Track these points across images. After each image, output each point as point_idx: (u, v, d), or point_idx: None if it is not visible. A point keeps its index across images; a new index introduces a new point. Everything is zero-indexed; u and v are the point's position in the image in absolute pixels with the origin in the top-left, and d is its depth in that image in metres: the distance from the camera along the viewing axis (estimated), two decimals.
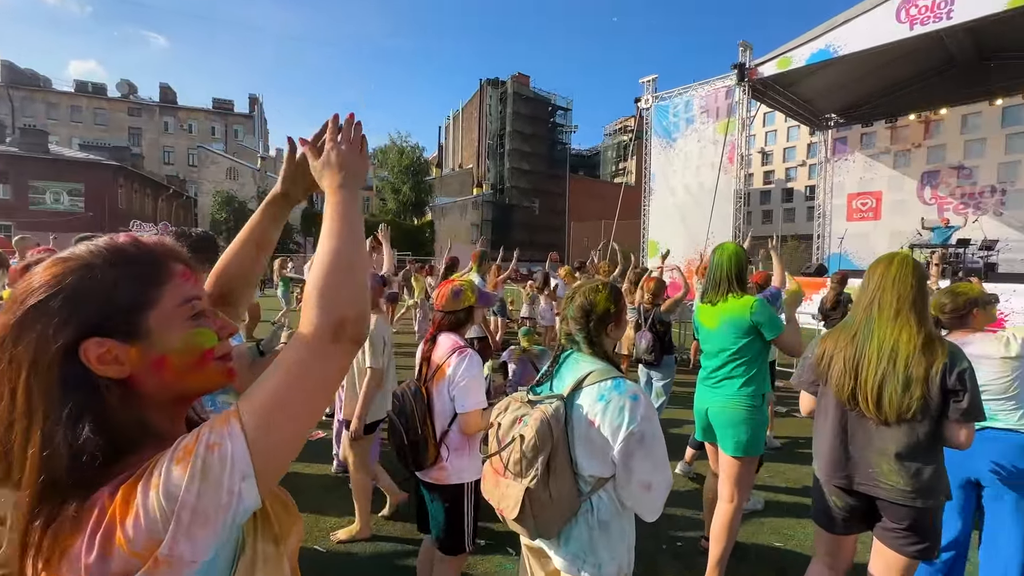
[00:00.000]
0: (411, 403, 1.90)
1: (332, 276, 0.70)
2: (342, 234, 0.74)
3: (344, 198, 0.79)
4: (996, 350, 2.16)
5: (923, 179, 17.40)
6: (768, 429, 4.60)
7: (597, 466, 1.33)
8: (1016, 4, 9.53)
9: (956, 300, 2.28)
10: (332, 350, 0.67)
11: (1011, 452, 2.12)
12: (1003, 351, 2.15)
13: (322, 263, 0.71)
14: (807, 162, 46.14)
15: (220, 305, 0.98)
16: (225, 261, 1.05)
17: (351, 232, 0.75)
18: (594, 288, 1.49)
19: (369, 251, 4.05)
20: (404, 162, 40.56)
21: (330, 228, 0.74)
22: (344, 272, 0.70)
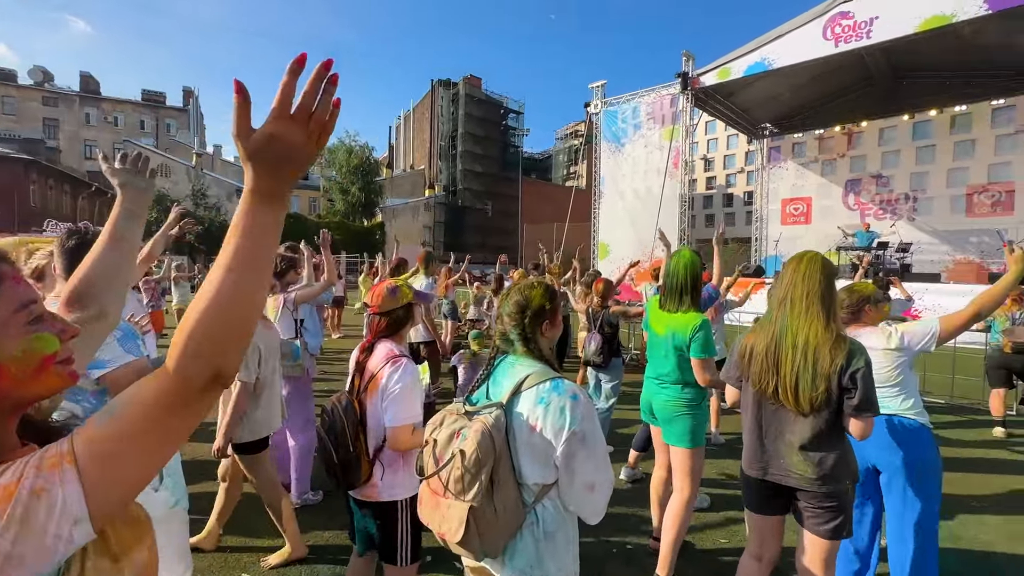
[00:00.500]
0: (341, 418, 1.75)
1: (224, 320, 0.58)
2: (253, 264, 0.60)
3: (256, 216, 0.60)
4: (880, 342, 2.34)
5: (847, 186, 18.78)
6: (714, 425, 4.75)
7: (541, 472, 1.28)
8: (924, 28, 10.43)
9: (852, 297, 2.48)
10: (198, 399, 0.59)
11: (898, 437, 2.27)
12: (885, 343, 2.33)
13: (216, 301, 0.57)
14: (745, 169, 48.75)
15: (75, 307, 0.89)
16: (87, 260, 0.95)
17: (262, 263, 0.61)
18: (530, 285, 1.45)
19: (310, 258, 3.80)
20: (353, 162, 39.41)
21: (236, 252, 0.59)
22: (240, 317, 0.59)
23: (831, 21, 11.43)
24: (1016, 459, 4.46)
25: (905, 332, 2.33)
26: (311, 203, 45.71)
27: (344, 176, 39.99)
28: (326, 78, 0.60)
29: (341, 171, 39.98)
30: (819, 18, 11.59)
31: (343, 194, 40.30)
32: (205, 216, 32.30)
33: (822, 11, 11.57)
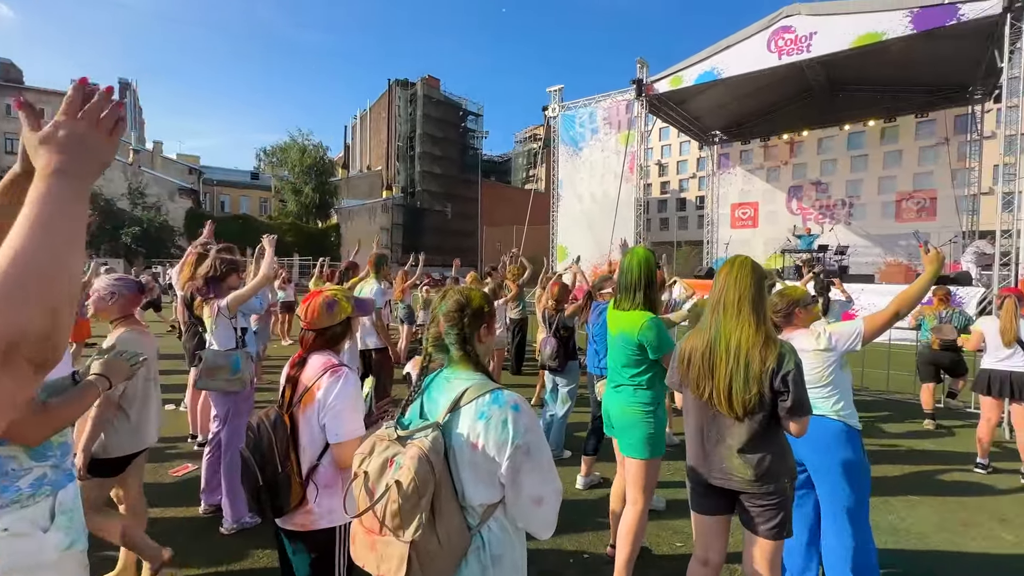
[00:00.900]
0: (269, 435, 1.58)
1: (4, 286, 0.55)
2: (32, 234, 0.58)
3: (53, 187, 0.62)
4: (810, 343, 2.39)
5: (790, 192, 19.78)
6: (667, 427, 4.80)
7: (486, 492, 1.19)
8: (858, 44, 11.10)
9: (783, 301, 2.53)
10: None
11: (824, 438, 2.33)
12: (815, 344, 2.39)
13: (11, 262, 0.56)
14: (697, 174, 50.52)
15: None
16: None
17: (47, 232, 0.59)
18: (467, 287, 1.39)
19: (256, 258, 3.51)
20: (306, 161, 38.11)
21: (20, 225, 0.58)
22: (22, 281, 0.56)
23: (774, 35, 11.98)
24: (943, 450, 4.74)
25: (833, 333, 2.39)
26: (261, 204, 43.85)
27: (297, 176, 38.60)
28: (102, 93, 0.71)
29: (293, 171, 38.57)
30: (764, 31, 12.12)
31: (296, 195, 38.90)
32: (143, 216, 30.29)
33: (766, 24, 12.11)
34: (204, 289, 3.11)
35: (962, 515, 3.42)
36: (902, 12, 10.44)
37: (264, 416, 1.64)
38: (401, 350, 8.06)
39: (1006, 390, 4.13)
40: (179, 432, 4.74)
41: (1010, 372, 4.11)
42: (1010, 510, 3.52)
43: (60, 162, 0.64)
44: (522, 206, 21.10)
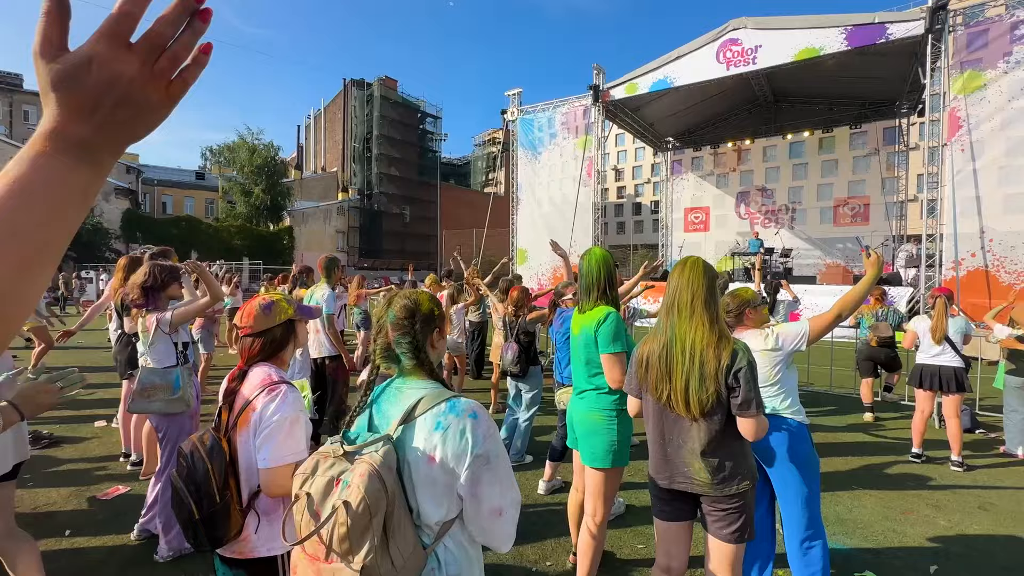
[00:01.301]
0: (205, 464, 1.42)
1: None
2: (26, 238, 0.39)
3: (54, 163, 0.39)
4: (759, 344, 2.46)
5: (738, 198, 20.69)
6: None
7: (442, 508, 1.10)
8: (798, 58, 11.72)
9: (734, 302, 2.59)
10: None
11: (776, 436, 2.40)
12: (763, 344, 2.46)
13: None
14: (651, 180, 52.04)
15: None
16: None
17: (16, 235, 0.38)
18: (413, 291, 1.30)
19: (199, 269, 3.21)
20: (256, 161, 36.46)
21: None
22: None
23: (723, 46, 12.50)
24: (881, 441, 5.02)
25: (780, 333, 2.46)
26: (207, 205, 41.64)
27: (246, 177, 36.87)
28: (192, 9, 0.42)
29: (243, 171, 36.83)
30: (713, 42, 12.62)
31: (245, 196, 37.16)
32: None
33: (715, 36, 12.61)
34: (140, 300, 2.85)
35: (901, 503, 3.61)
36: (838, 29, 11.13)
37: (198, 442, 1.47)
38: (358, 357, 7.79)
39: (936, 383, 4.41)
40: (110, 451, 4.37)
41: (940, 367, 4.40)
42: (943, 497, 3.74)
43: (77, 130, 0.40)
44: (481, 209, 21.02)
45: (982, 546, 3.08)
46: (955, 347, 4.41)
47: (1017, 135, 9.71)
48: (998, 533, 3.24)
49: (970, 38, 10.10)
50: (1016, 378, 4.60)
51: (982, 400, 5.77)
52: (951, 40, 10.19)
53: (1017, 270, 9.67)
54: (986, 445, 4.91)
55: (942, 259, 10.34)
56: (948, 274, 10.18)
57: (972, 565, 2.87)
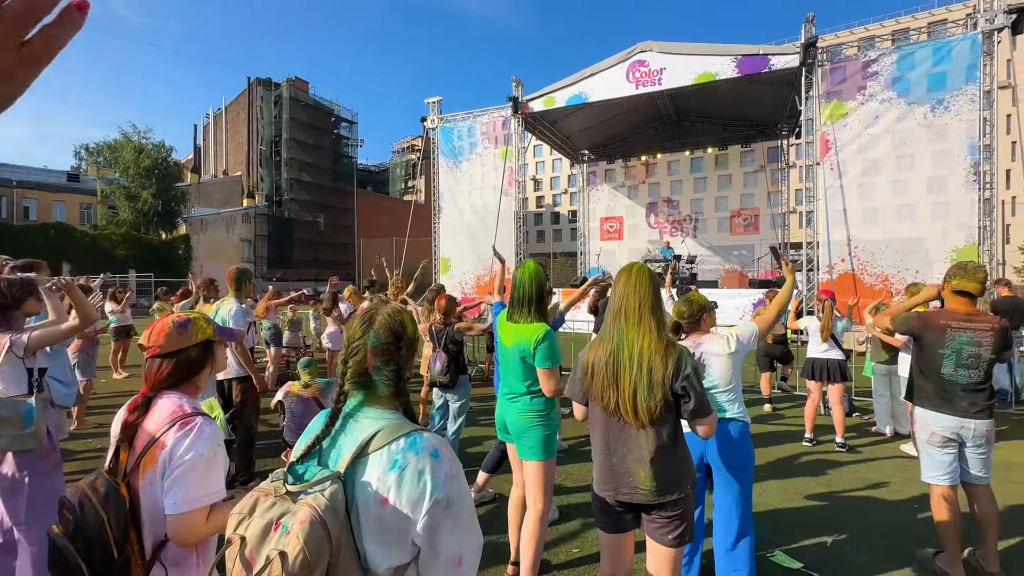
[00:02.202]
0: (97, 515, 1.20)
1: None
2: None
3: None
4: (722, 348, 2.60)
5: (648, 208, 22.06)
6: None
7: (397, 555, 0.98)
8: (697, 81, 12.80)
9: (692, 307, 2.70)
10: None
11: (733, 438, 2.55)
12: (726, 349, 2.60)
13: None
14: (569, 190, 54.09)
15: None
16: None
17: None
18: (397, 309, 1.15)
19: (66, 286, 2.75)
20: (144, 162, 32.80)
21: None
22: None
23: (631, 67, 13.33)
24: (780, 430, 5.55)
25: (738, 335, 2.60)
26: (83, 210, 36.63)
27: (132, 179, 33.01)
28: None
29: (127, 173, 32.94)
30: (623, 62, 13.42)
31: (131, 201, 33.26)
32: None
33: (625, 57, 13.42)
34: None
35: (799, 485, 4.01)
36: (730, 58, 12.33)
37: (90, 489, 1.24)
38: (269, 376, 7.22)
39: (824, 374, 4.99)
40: None
41: (827, 360, 4.98)
42: (831, 476, 4.21)
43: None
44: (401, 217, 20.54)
45: (864, 516, 3.50)
46: (838, 343, 5.02)
47: (872, 157, 11.34)
48: (876, 503, 3.70)
49: (833, 73, 11.66)
50: (881, 366, 5.32)
51: (857, 387, 6.60)
52: (820, 73, 11.69)
53: (877, 273, 11.24)
54: (862, 426, 5.61)
55: (818, 264, 11.75)
56: (824, 277, 11.58)
57: (857, 534, 3.25)
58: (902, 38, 11.82)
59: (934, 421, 2.76)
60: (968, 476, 2.79)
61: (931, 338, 2.76)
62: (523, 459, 2.56)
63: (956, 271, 2.72)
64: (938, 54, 10.72)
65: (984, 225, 10.39)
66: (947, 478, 2.76)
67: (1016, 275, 31.40)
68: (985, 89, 10.30)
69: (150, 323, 1.49)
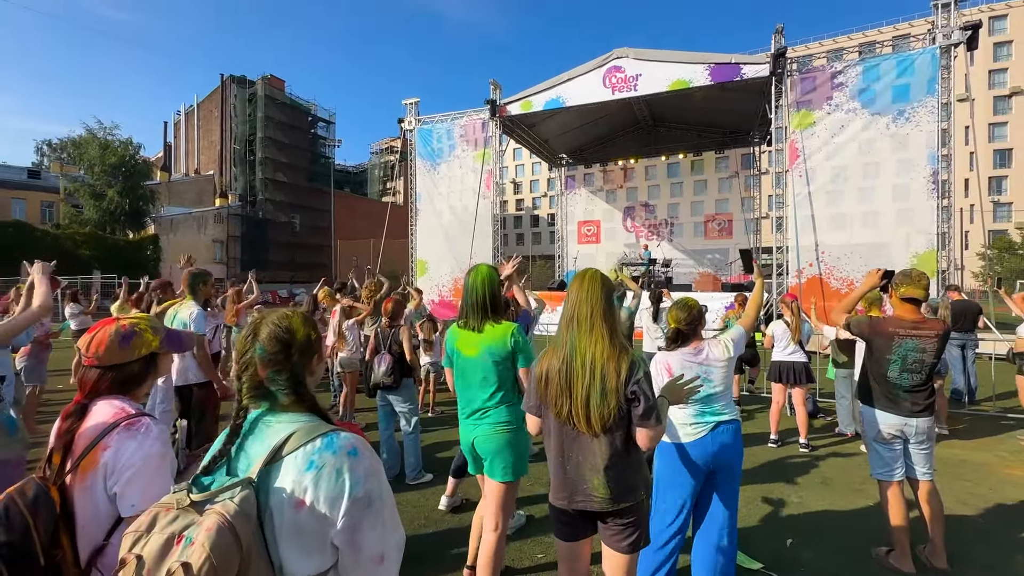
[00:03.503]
0: (24, 519, 1.14)
1: None
2: None
3: None
4: (723, 354, 2.57)
5: (625, 212, 22.32)
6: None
7: (314, 560, 0.95)
8: (672, 88, 13.01)
9: (691, 312, 2.62)
10: None
11: (736, 441, 2.54)
12: (727, 354, 2.58)
13: None
14: (548, 193, 54.39)
15: None
16: None
17: None
18: (283, 315, 1.12)
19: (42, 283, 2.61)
20: (110, 159, 31.68)
21: None
22: None
23: (608, 72, 13.49)
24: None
25: (732, 340, 2.59)
26: (44, 208, 35.19)
27: (97, 176, 31.83)
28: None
29: (92, 171, 31.76)
30: (599, 68, 13.58)
31: (96, 199, 32.05)
32: None
33: (601, 63, 13.58)
34: None
35: (763, 487, 4.07)
36: (703, 66, 12.59)
37: (16, 494, 1.18)
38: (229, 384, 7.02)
39: (789, 377, 5.10)
40: None
41: (792, 362, 5.11)
42: (795, 476, 4.29)
43: None
44: (379, 219, 20.31)
45: (825, 517, 3.58)
46: (802, 346, 5.15)
47: (839, 164, 11.70)
48: (837, 503, 3.79)
49: (803, 82, 12.01)
50: (843, 369, 5.47)
51: (820, 389, 6.77)
52: (789, 83, 12.02)
53: (843, 277, 11.59)
54: (826, 428, 5.75)
55: (788, 268, 12.06)
56: (792, 281, 11.88)
57: (818, 534, 3.31)
58: (868, 51, 12.25)
59: (881, 420, 2.88)
60: (913, 472, 2.90)
61: (880, 343, 2.89)
62: (492, 479, 2.41)
63: (902, 279, 2.84)
64: (901, 66, 11.15)
65: (944, 231, 10.82)
66: (894, 473, 2.87)
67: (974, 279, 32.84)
68: (943, 101, 10.75)
69: (93, 325, 1.42)
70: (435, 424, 5.77)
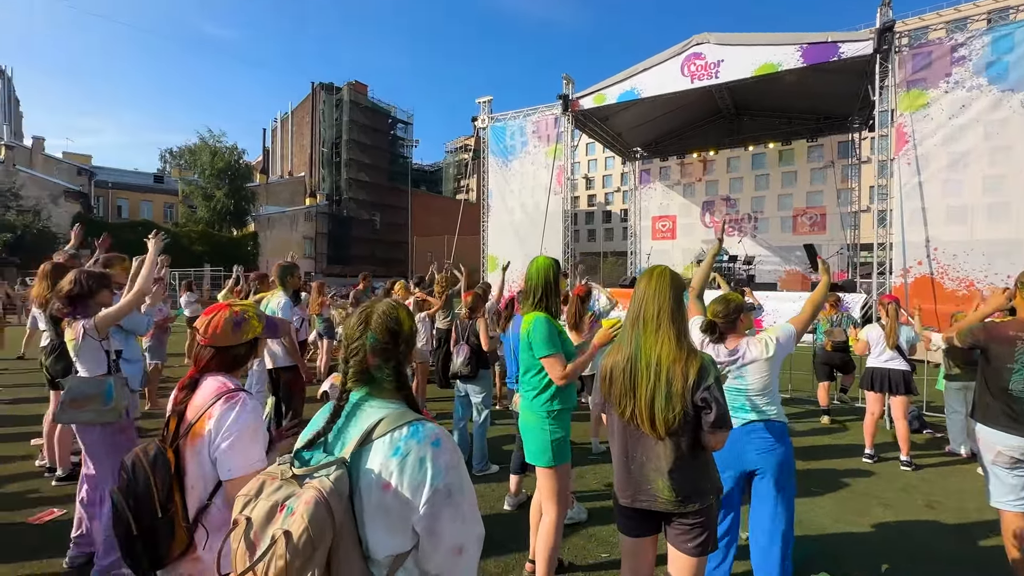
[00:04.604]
0: (147, 475, 1.34)
1: None
2: None
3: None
4: (762, 352, 2.46)
5: (703, 207, 21.22)
6: (593, 434, 4.84)
7: (395, 541, 1.01)
8: (758, 73, 12.16)
9: (728, 307, 2.56)
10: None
11: (772, 440, 2.42)
12: (766, 352, 2.46)
13: None
14: (621, 188, 53.02)
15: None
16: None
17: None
18: (391, 305, 1.18)
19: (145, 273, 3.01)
20: (218, 164, 35.29)
21: None
22: None
23: (687, 60, 12.85)
24: (838, 443, 5.18)
25: (777, 338, 2.45)
26: (166, 209, 40.05)
27: (208, 180, 35.63)
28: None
29: (204, 174, 35.59)
30: (677, 56, 12.97)
31: (207, 200, 35.88)
32: (17, 222, 26.52)
33: (680, 50, 12.97)
34: (66, 308, 2.67)
35: (855, 504, 3.72)
36: (794, 47, 11.61)
37: (141, 453, 1.38)
38: (321, 366, 7.58)
39: (886, 385, 4.60)
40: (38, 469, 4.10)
41: (889, 370, 4.59)
42: (893, 496, 3.88)
43: None
44: (452, 216, 20.91)
45: (930, 544, 3.20)
46: (903, 352, 4.61)
47: (957, 150, 10.30)
48: (944, 530, 3.37)
49: (914, 59, 10.69)
50: (956, 381, 4.83)
51: (929, 402, 6.04)
52: (897, 60, 10.76)
53: (959, 277, 10.22)
54: (934, 445, 5.14)
55: (892, 267, 10.85)
56: (897, 281, 10.68)
57: (920, 563, 2.97)
58: (1001, 18, 10.64)
59: (1000, 441, 2.49)
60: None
61: (998, 351, 2.50)
62: (529, 463, 2.52)
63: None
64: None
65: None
66: (1019, 503, 2.48)
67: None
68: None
69: (206, 310, 1.61)
70: (501, 416, 5.86)
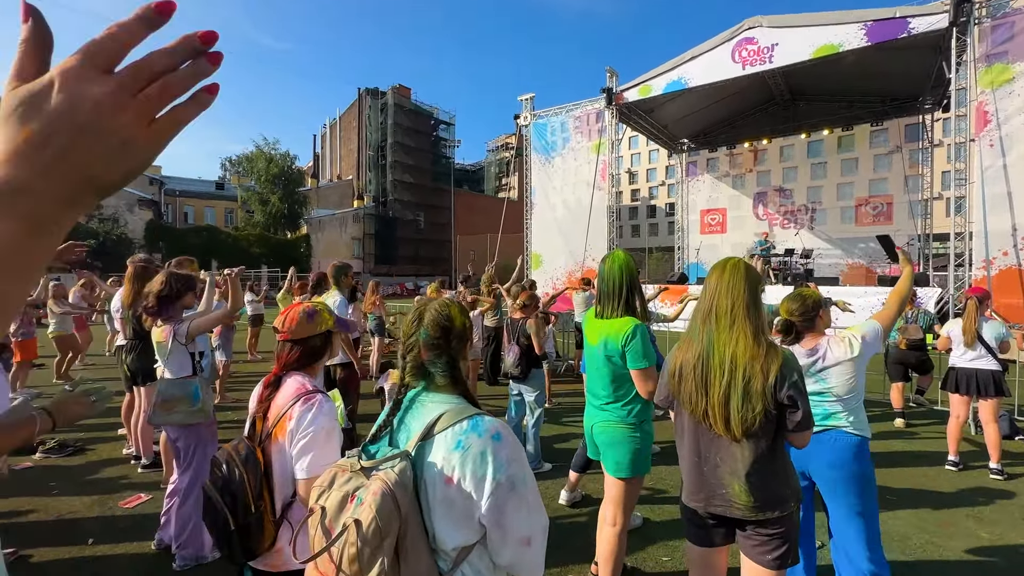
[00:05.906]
0: (241, 473, 1.42)
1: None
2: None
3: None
4: (845, 353, 2.28)
5: (755, 199, 20.32)
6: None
7: (461, 533, 1.03)
8: (817, 55, 11.49)
9: (805, 303, 2.36)
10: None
11: (841, 453, 2.23)
12: (849, 353, 2.27)
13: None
14: (666, 182, 51.60)
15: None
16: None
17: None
18: (443, 303, 1.22)
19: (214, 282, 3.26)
20: (273, 170, 37.14)
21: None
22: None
23: (738, 45, 12.32)
24: (914, 449, 4.82)
25: (862, 336, 2.27)
26: (227, 214, 42.52)
27: (263, 186, 37.57)
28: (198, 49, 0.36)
29: (260, 180, 37.55)
30: (728, 42, 12.45)
31: (263, 205, 37.83)
32: (99, 229, 28.88)
33: (730, 36, 12.44)
34: (155, 308, 2.87)
35: (939, 515, 3.45)
36: (857, 25, 10.88)
37: (234, 451, 1.47)
38: (373, 363, 7.81)
39: (972, 387, 4.22)
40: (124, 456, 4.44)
41: (976, 370, 4.21)
42: (983, 508, 3.56)
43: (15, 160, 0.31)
44: (495, 215, 21.03)
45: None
46: (991, 350, 4.21)
47: None
48: None
49: (996, 30, 9.79)
50: None
51: (1021, 406, 5.52)
52: (976, 33, 9.88)
53: None
54: None
55: (971, 258, 10.00)
56: (978, 273, 9.84)
57: None
58: None
59: None
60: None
61: None
62: (606, 472, 2.42)
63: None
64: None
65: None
66: None
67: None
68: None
69: (284, 308, 1.71)
70: (551, 415, 5.84)
